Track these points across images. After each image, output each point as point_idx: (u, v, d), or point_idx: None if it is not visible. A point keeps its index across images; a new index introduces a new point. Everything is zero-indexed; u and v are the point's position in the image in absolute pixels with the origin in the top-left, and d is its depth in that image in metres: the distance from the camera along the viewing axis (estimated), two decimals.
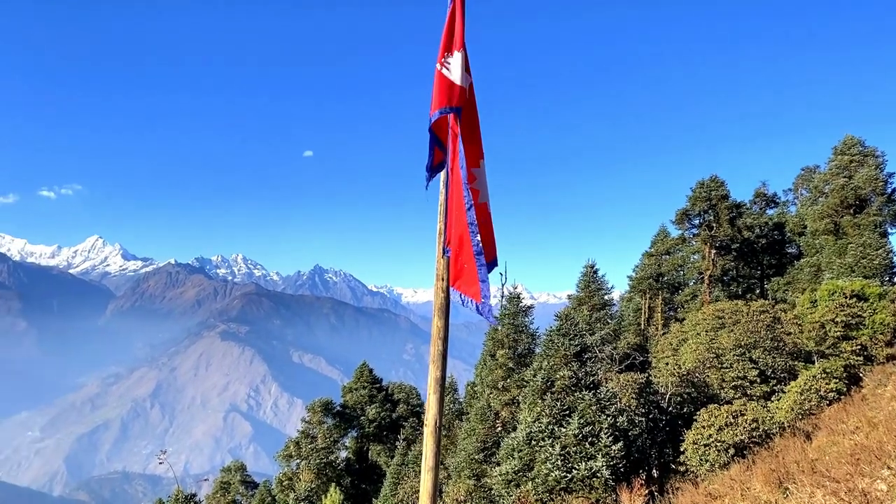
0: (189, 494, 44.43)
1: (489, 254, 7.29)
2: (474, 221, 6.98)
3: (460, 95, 7.15)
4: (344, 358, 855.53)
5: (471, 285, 7.16)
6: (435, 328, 7.61)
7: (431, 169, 7.49)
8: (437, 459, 7.25)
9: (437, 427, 7.32)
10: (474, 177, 7.18)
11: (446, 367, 7.64)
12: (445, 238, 7.30)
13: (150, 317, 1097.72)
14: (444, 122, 7.32)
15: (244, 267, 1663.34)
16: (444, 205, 7.44)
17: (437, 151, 7.43)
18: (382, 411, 55.26)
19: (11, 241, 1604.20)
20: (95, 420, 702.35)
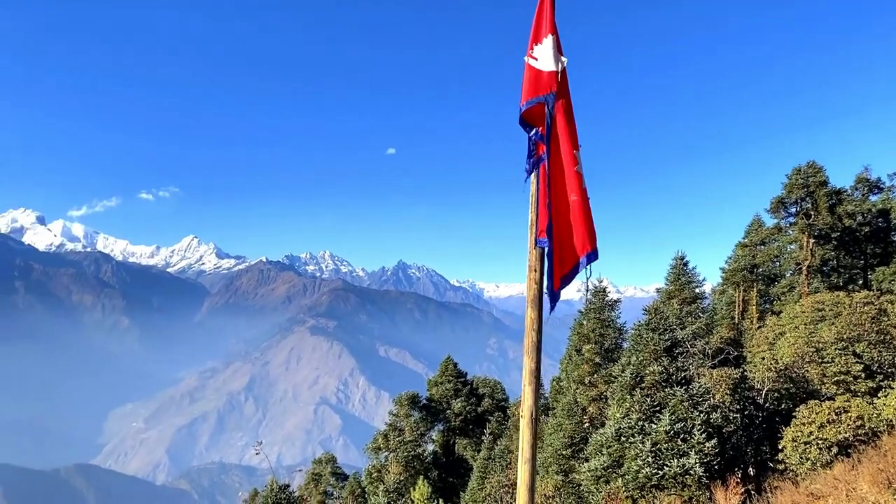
0: (283, 485, 45.85)
1: (591, 242, 7.18)
2: (580, 208, 6.97)
3: (549, 80, 7.03)
4: (428, 352, 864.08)
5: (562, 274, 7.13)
6: (528, 319, 7.51)
7: (533, 160, 7.30)
8: (533, 451, 7.23)
9: (533, 418, 7.31)
10: (577, 160, 7.09)
11: (541, 358, 7.63)
12: (538, 229, 7.13)
13: (243, 313, 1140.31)
14: (539, 110, 7.17)
15: (331, 263, 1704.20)
16: (536, 195, 7.28)
17: (540, 143, 7.22)
18: (468, 405, 55.47)
19: (114, 243, 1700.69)
20: (194, 412, 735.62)
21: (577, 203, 6.98)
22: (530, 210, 7.38)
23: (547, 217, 6.99)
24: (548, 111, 7.03)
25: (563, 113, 7.17)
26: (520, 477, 7.18)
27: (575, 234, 7.06)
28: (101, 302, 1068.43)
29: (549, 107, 7.01)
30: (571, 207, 6.99)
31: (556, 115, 7.08)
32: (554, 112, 7.06)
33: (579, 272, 7.25)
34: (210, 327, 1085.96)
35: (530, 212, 7.37)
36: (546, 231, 6.96)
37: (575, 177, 6.98)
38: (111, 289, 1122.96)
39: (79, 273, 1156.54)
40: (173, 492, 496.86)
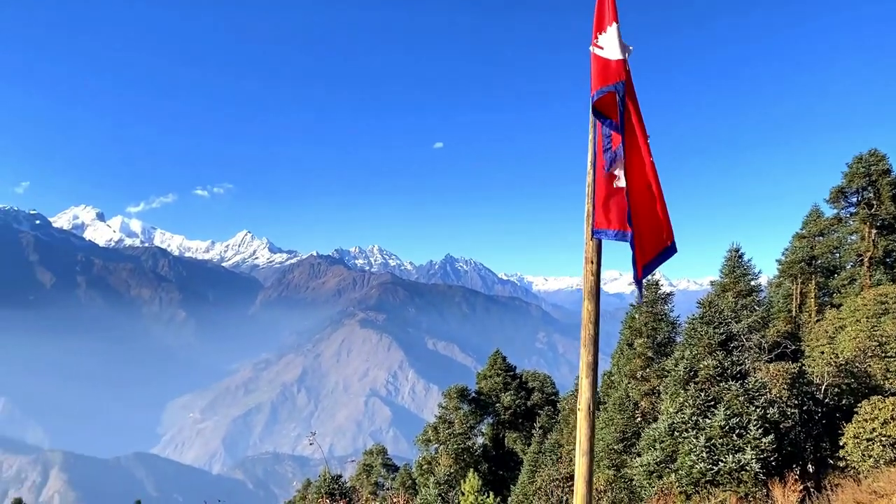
0: (336, 475, 46.54)
1: (670, 234, 7.19)
2: (659, 198, 6.97)
3: (617, 70, 7.03)
4: (477, 345, 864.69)
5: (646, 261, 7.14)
6: (585, 312, 7.51)
7: (611, 152, 7.19)
8: (591, 444, 7.29)
9: (590, 412, 7.30)
10: (649, 150, 7.06)
11: (598, 351, 7.57)
12: (594, 220, 7.14)
13: (295, 306, 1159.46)
14: (609, 100, 7.12)
15: (380, 257, 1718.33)
16: (592, 186, 7.25)
17: (615, 133, 7.13)
18: (517, 399, 55.38)
19: (171, 238, 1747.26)
20: (248, 403, 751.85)
21: (656, 192, 6.96)
22: (587, 201, 7.38)
23: (626, 205, 6.92)
24: (619, 100, 7.00)
25: (632, 102, 7.17)
26: (577, 469, 7.27)
27: (654, 224, 7.04)
28: (158, 296, 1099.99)
29: (621, 95, 6.98)
30: (650, 197, 6.97)
31: (627, 103, 7.06)
32: (625, 100, 7.04)
33: (661, 263, 7.19)
34: (263, 320, 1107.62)
35: (587, 203, 7.38)
36: (627, 220, 6.89)
37: (651, 167, 7.00)
38: (168, 283, 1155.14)
39: (137, 268, 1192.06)
40: (229, 481, 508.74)
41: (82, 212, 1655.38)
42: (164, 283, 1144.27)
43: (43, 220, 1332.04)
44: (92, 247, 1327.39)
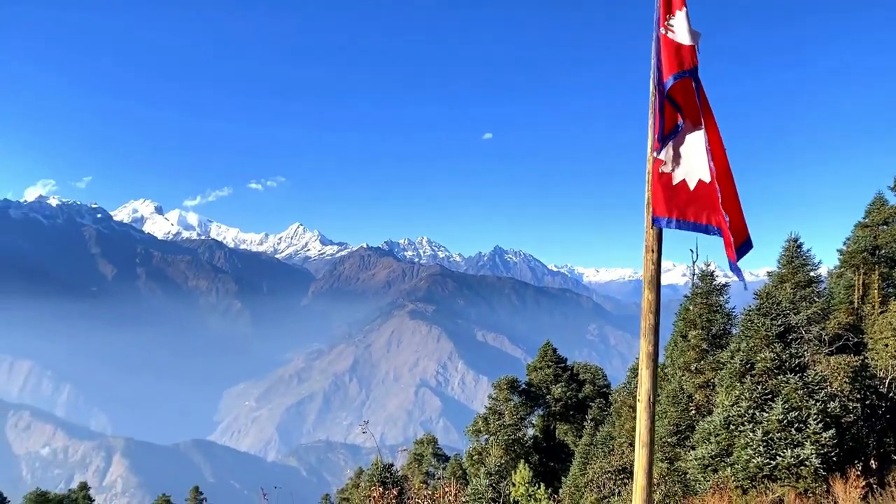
0: (387, 464, 47.14)
1: (745, 227, 7.11)
2: (733, 186, 6.86)
3: (690, 54, 6.90)
4: (526, 337, 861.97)
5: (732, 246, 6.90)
6: (646, 301, 7.43)
7: (663, 138, 7.07)
8: (651, 435, 7.23)
9: (650, 402, 7.23)
10: (720, 135, 6.90)
11: (658, 341, 7.46)
12: (654, 208, 7.06)
13: (346, 297, 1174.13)
14: (680, 87, 6.95)
15: (429, 249, 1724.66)
16: (651, 174, 7.14)
17: (668, 116, 6.99)
18: (568, 391, 55.02)
19: (227, 231, 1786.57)
20: (301, 392, 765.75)
21: (730, 180, 6.85)
22: (647, 189, 7.28)
23: (691, 194, 6.83)
24: (695, 86, 6.88)
25: (702, 88, 7.00)
26: (637, 461, 7.22)
27: (736, 210, 6.91)
28: (215, 287, 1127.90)
29: (696, 81, 6.87)
30: (730, 186, 6.83)
31: (702, 89, 6.90)
32: (699, 85, 6.91)
33: (741, 257, 7.07)
34: (315, 311, 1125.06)
35: (647, 191, 7.28)
36: (719, 204, 6.70)
37: (723, 153, 6.86)
38: (224, 274, 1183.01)
39: (194, 260, 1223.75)
40: (283, 468, 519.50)
41: (141, 205, 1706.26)
42: (220, 275, 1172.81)
43: (104, 213, 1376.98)
44: (151, 239, 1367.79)
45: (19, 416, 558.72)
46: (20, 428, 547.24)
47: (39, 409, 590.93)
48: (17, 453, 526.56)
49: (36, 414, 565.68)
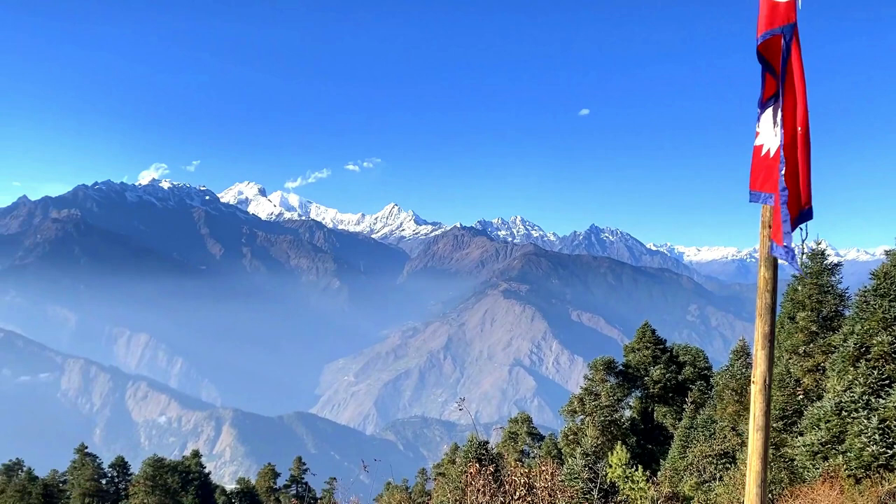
0: (482, 441, 47.71)
1: (808, 195, 6.53)
2: (804, 152, 6.37)
3: (787, 11, 6.43)
4: (623, 318, 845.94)
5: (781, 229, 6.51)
6: (762, 280, 7.12)
7: (762, 104, 6.62)
8: (766, 419, 7.00)
9: (766, 385, 6.97)
10: (806, 99, 6.41)
11: (775, 321, 7.10)
12: (762, 181, 6.60)
13: (439, 276, 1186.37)
14: (774, 44, 6.46)
15: (522, 228, 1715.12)
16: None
17: (769, 81, 6.57)
18: (667, 373, 53.80)
19: (325, 211, 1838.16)
20: (398, 369, 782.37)
21: (805, 151, 6.36)
22: (753, 162, 6.83)
23: (780, 162, 6.38)
24: (784, 45, 6.39)
25: (797, 49, 6.52)
26: (751, 445, 7.05)
27: (802, 183, 6.44)
28: (315, 266, 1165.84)
29: (786, 40, 6.38)
30: (803, 153, 6.36)
31: (792, 48, 6.46)
32: (791, 46, 6.43)
33: (796, 227, 6.60)
34: (410, 289, 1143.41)
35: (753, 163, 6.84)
36: (780, 175, 6.30)
37: (804, 121, 6.36)
38: (324, 253, 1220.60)
39: (296, 239, 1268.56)
40: (381, 442, 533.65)
41: (246, 188, 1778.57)
42: (319, 254, 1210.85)
43: (212, 195, 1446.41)
44: (255, 220, 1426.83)
45: (137, 386, 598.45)
46: (138, 397, 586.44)
47: (155, 380, 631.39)
48: (135, 421, 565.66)
49: (152, 385, 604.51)
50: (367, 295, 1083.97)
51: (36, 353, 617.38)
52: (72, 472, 76.33)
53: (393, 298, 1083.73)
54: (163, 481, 67.71)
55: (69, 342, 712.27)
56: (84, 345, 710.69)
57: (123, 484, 75.63)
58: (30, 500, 52.47)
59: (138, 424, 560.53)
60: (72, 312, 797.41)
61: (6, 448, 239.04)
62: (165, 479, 68.19)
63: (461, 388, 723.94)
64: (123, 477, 76.57)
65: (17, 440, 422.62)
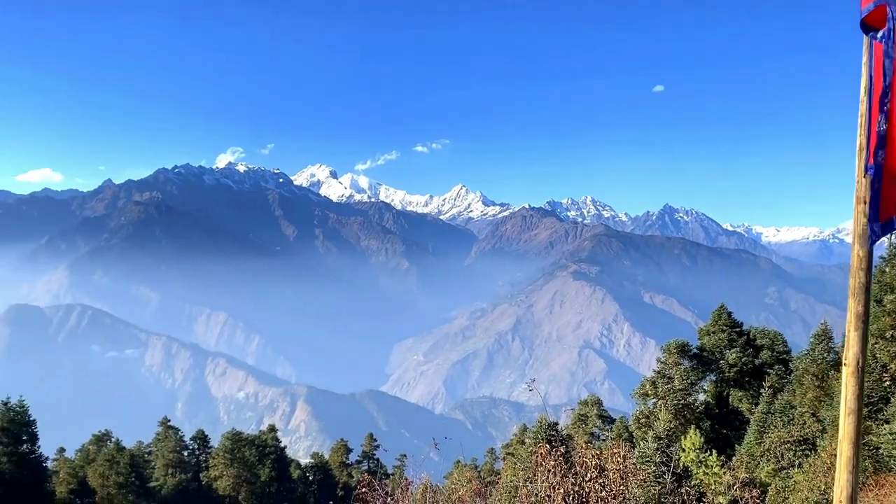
0: (552, 422, 47.62)
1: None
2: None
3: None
4: (697, 300, 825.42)
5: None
6: (855, 258, 6.92)
7: (877, 73, 6.21)
8: (859, 402, 6.80)
9: (858, 367, 6.78)
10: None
11: (869, 301, 6.88)
12: (868, 154, 6.23)
13: (507, 257, 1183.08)
14: (880, 13, 6.18)
15: (593, 209, 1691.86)
16: (868, 115, 6.28)
17: (879, 45, 6.16)
18: (744, 356, 52.32)
19: (394, 193, 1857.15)
20: (466, 349, 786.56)
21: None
22: (859, 133, 6.48)
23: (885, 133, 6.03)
24: (890, 14, 6.02)
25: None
26: (842, 430, 6.88)
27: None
28: (384, 247, 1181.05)
29: (892, 9, 6.03)
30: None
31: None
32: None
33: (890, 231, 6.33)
34: (478, 270, 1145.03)
35: (859, 136, 6.49)
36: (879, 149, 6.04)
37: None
38: (393, 235, 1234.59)
39: (365, 221, 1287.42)
40: (450, 421, 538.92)
41: (318, 170, 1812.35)
42: (389, 236, 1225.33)
43: (286, 178, 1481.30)
44: (327, 202, 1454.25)
45: (216, 363, 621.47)
46: (217, 374, 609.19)
47: (233, 356, 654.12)
48: (215, 396, 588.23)
49: (230, 361, 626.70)
50: (435, 276, 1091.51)
51: (122, 331, 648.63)
52: (156, 444, 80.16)
53: (461, 279, 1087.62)
54: (241, 454, 70.35)
55: (152, 320, 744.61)
56: (166, 323, 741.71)
57: (204, 456, 79.01)
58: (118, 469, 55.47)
59: (217, 399, 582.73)
60: (154, 292, 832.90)
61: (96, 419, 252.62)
62: (243, 452, 70.80)
63: (529, 369, 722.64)
64: (204, 449, 79.93)
65: (105, 412, 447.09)
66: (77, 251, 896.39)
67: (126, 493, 56.05)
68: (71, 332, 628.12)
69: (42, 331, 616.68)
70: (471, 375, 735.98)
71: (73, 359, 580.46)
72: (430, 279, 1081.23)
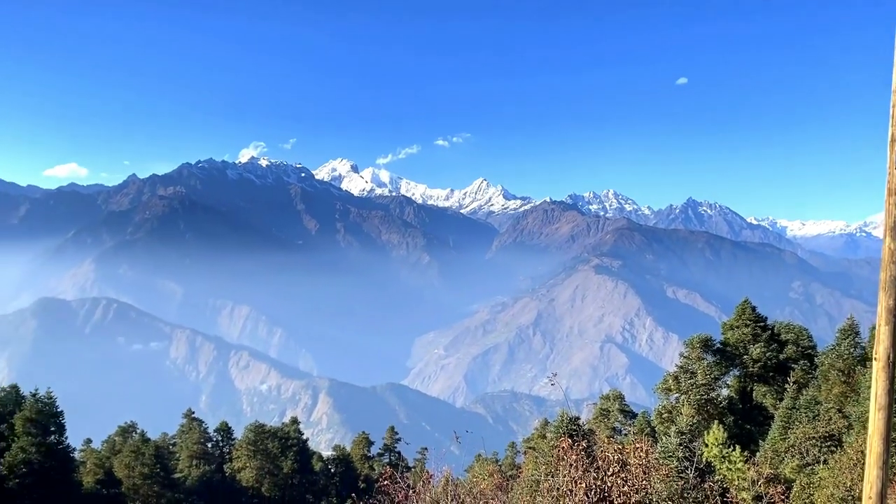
0: (574, 417, 47.45)
1: None
2: None
3: None
4: (721, 294, 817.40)
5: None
6: (887, 251, 6.79)
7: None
8: (889, 398, 6.70)
9: (889, 362, 6.69)
10: None
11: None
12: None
13: (529, 251, 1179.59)
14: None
15: (615, 202, 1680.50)
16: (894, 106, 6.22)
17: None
18: (768, 351, 51.79)
19: (415, 187, 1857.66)
20: (486, 343, 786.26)
21: None
22: (890, 125, 6.44)
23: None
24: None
25: None
26: (872, 425, 6.75)
27: None
28: (405, 241, 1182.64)
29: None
30: None
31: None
32: None
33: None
34: (499, 264, 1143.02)
35: (890, 126, 6.45)
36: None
37: None
38: (414, 229, 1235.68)
39: (386, 215, 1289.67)
40: (470, 415, 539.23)
41: (339, 164, 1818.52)
42: (409, 230, 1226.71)
43: (307, 172, 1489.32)
44: (348, 196, 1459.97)
45: (239, 355, 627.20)
46: (240, 366, 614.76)
47: (256, 349, 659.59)
48: (238, 388, 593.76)
49: (253, 354, 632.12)
50: (456, 270, 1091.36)
51: (147, 324, 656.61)
52: (180, 436, 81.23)
53: (482, 273, 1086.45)
54: (264, 446, 71.02)
55: (176, 313, 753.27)
56: (190, 316, 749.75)
57: (227, 448, 79.88)
58: (143, 461, 56.32)
59: (241, 392, 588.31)
60: (178, 285, 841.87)
61: (121, 411, 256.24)
62: (266, 444, 71.47)
63: (551, 363, 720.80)
64: (227, 441, 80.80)
65: (131, 404, 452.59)
66: (103, 245, 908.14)
67: (151, 483, 56.89)
68: (97, 325, 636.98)
69: (69, 323, 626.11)
70: (491, 369, 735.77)
71: (99, 351, 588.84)
72: (451, 273, 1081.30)
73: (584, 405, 63.35)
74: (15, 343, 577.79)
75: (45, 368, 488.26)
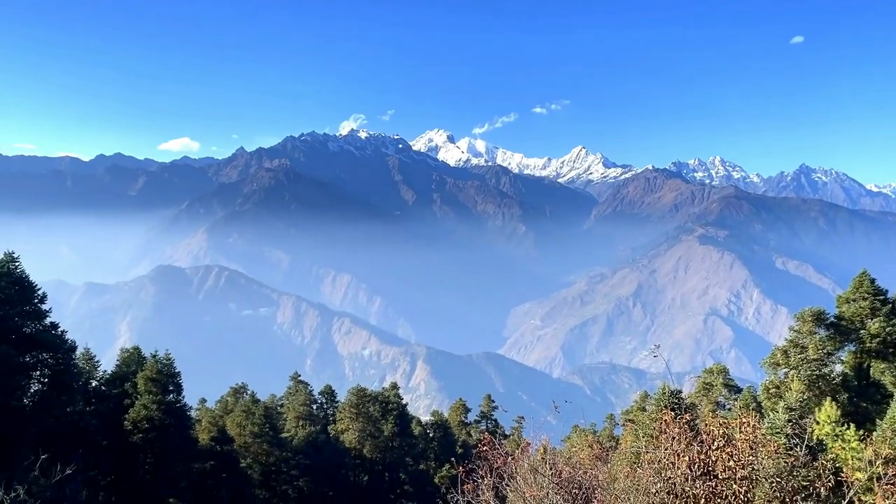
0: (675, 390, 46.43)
1: None
2: None
3: None
4: (836, 266, 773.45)
5: None
6: None
7: None
8: None
9: None
10: None
11: None
12: None
13: (629, 221, 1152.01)
14: None
15: (722, 169, 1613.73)
16: None
17: None
18: (888, 326, 48.72)
19: (511, 156, 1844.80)
20: (584, 314, 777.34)
21: None
22: None
23: None
24: None
25: None
26: None
27: None
28: (501, 211, 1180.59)
29: None
30: None
31: None
32: None
33: None
34: (597, 234, 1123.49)
35: None
36: None
37: None
38: (510, 199, 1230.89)
39: (482, 185, 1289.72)
40: (567, 385, 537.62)
41: (436, 135, 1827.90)
42: (505, 200, 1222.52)
43: (405, 144, 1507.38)
44: (444, 167, 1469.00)
45: (341, 322, 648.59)
46: (342, 332, 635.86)
47: (357, 316, 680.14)
48: (340, 353, 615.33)
49: (354, 321, 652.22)
50: (552, 240, 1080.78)
51: (255, 291, 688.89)
52: (287, 397, 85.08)
53: (579, 244, 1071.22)
54: (365, 409, 73.38)
55: (283, 281, 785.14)
56: (295, 283, 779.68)
57: (331, 410, 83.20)
58: (253, 420, 59.45)
59: (343, 357, 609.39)
60: (284, 254, 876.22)
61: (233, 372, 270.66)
62: (368, 407, 73.81)
63: (651, 336, 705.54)
64: (331, 403, 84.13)
65: (242, 365, 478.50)
66: (214, 215, 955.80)
67: (261, 442, 60.02)
68: (210, 292, 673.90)
69: (184, 289, 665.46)
70: (589, 341, 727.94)
71: (212, 316, 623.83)
72: (548, 243, 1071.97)
73: (686, 379, 61.59)
74: (136, 307, 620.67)
75: (164, 331, 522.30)
